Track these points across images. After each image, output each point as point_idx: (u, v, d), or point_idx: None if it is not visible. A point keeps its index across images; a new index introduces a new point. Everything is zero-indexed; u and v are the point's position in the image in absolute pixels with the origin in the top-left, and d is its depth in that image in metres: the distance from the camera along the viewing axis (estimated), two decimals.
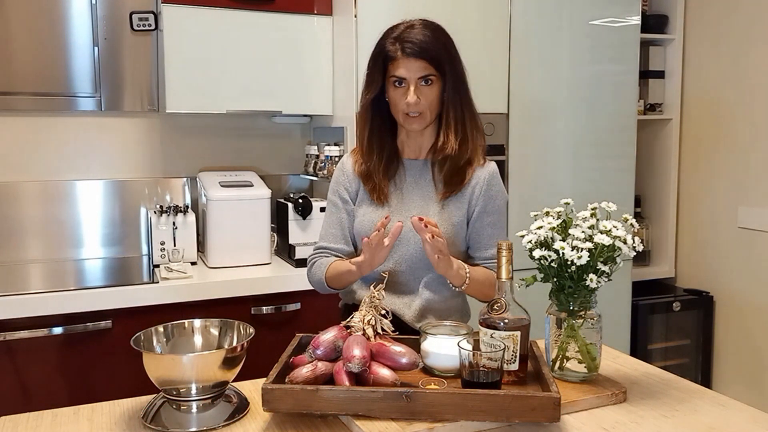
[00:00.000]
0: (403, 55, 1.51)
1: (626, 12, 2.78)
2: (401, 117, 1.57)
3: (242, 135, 2.82)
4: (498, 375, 1.22)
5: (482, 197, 1.60)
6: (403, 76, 1.52)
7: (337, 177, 1.70)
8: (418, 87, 1.52)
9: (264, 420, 1.24)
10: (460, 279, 1.52)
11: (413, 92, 1.52)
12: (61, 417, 1.27)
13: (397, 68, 1.52)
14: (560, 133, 2.70)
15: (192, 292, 2.19)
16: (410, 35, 1.52)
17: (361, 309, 1.36)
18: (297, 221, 2.54)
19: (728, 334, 3.04)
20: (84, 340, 2.08)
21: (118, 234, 2.64)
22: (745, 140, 2.88)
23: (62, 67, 2.52)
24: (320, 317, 2.21)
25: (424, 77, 1.52)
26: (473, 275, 1.53)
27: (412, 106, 1.52)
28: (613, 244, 1.31)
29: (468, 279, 1.52)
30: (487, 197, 1.60)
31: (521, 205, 2.54)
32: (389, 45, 1.53)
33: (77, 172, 2.60)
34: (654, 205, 3.31)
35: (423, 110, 1.54)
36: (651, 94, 3.19)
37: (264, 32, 2.50)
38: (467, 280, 1.52)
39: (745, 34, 2.87)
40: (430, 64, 1.52)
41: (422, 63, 1.51)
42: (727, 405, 1.31)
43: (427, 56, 1.51)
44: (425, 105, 1.54)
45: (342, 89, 2.52)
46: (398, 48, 1.52)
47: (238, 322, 1.37)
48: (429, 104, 1.54)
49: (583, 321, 1.35)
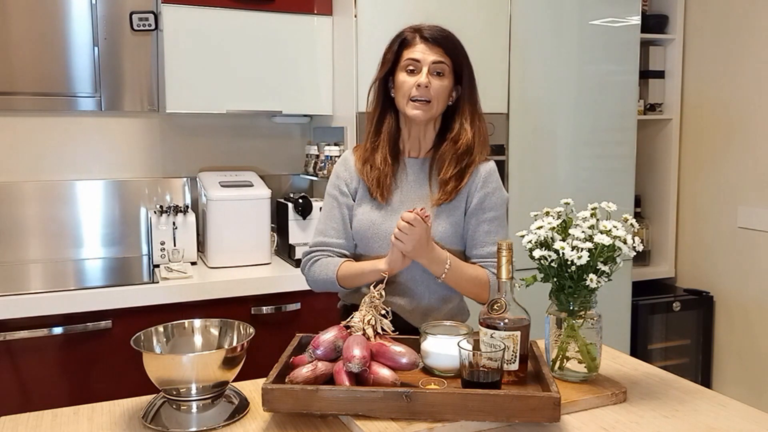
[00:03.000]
0: (422, 40, 1.55)
1: (626, 12, 2.78)
2: (406, 103, 1.56)
3: (242, 135, 2.82)
4: (498, 375, 1.22)
5: (478, 193, 1.59)
6: (417, 58, 1.54)
7: (338, 172, 1.69)
8: (430, 73, 1.54)
9: (264, 420, 1.24)
10: (438, 269, 1.51)
11: (426, 74, 1.53)
12: (61, 417, 1.27)
13: (413, 51, 1.55)
14: (560, 133, 2.70)
15: (192, 292, 2.19)
16: (430, 27, 1.57)
17: (361, 309, 1.35)
18: (297, 221, 2.54)
19: (728, 334, 3.04)
20: (84, 340, 2.08)
21: (118, 234, 2.64)
22: (745, 140, 2.88)
23: (62, 67, 2.52)
24: (320, 317, 2.22)
25: (437, 64, 1.54)
26: (455, 271, 1.52)
27: (422, 88, 1.53)
28: (613, 244, 1.31)
29: (446, 272, 1.51)
30: (482, 194, 1.59)
31: (521, 205, 2.54)
32: (408, 33, 1.58)
33: (77, 172, 2.60)
34: (654, 205, 3.31)
35: (431, 98, 1.54)
36: (651, 94, 3.19)
37: (264, 32, 2.50)
38: (446, 271, 1.51)
39: (745, 34, 2.87)
40: (445, 53, 1.55)
41: (439, 50, 1.55)
42: (727, 405, 1.31)
43: (444, 46, 1.55)
44: (434, 93, 1.54)
45: (342, 89, 2.52)
46: (416, 35, 1.56)
47: (238, 322, 1.37)
48: (437, 94, 1.55)
49: (583, 321, 1.35)
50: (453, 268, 1.52)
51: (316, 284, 1.65)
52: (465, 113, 1.60)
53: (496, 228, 1.60)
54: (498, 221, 1.61)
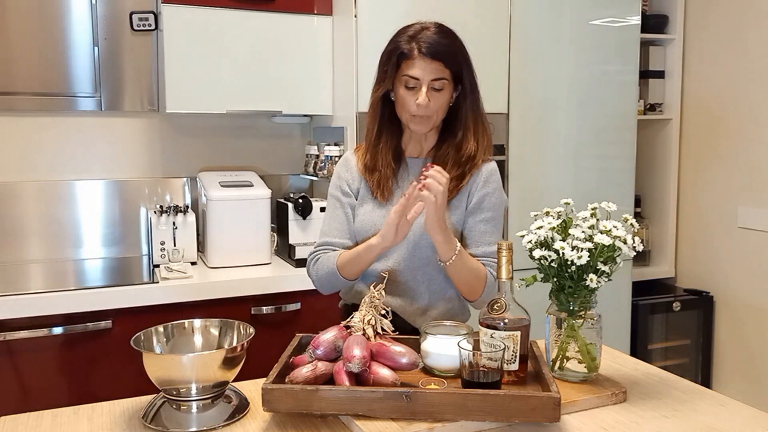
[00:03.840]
0: (420, 54, 1.49)
1: (626, 12, 2.78)
2: (407, 117, 1.55)
3: (242, 135, 2.82)
4: (498, 375, 1.22)
5: (478, 192, 1.59)
6: (417, 76, 1.50)
7: (340, 173, 1.69)
8: (430, 90, 1.50)
9: (264, 420, 1.24)
10: (445, 252, 1.49)
11: (425, 93, 1.50)
12: (61, 417, 1.27)
13: (412, 67, 1.50)
14: (560, 133, 2.70)
15: (192, 292, 2.19)
16: (427, 36, 1.50)
17: (361, 309, 1.35)
18: (297, 221, 2.54)
19: (728, 334, 3.04)
20: (84, 340, 2.08)
21: (118, 234, 2.64)
22: (745, 140, 2.88)
23: (62, 67, 2.52)
24: (320, 317, 2.21)
25: (437, 80, 1.50)
26: (462, 257, 1.50)
27: (422, 107, 1.51)
28: (613, 244, 1.31)
29: (456, 254, 1.49)
30: (482, 193, 1.59)
31: (521, 205, 2.54)
32: (405, 43, 1.51)
33: (77, 172, 2.60)
34: (654, 205, 3.32)
35: (431, 114, 1.53)
36: (651, 94, 3.19)
37: (264, 32, 2.50)
38: (454, 256, 1.49)
39: (745, 33, 2.87)
40: (445, 67, 1.50)
41: (438, 65, 1.50)
42: (727, 405, 1.31)
43: (443, 59, 1.50)
44: (434, 109, 1.53)
45: (342, 89, 2.52)
46: (414, 47, 1.50)
47: (238, 322, 1.37)
48: (437, 109, 1.54)
49: (583, 321, 1.35)
50: (461, 254, 1.51)
51: (321, 281, 1.63)
52: (468, 121, 1.59)
53: (492, 229, 1.60)
54: (494, 222, 1.60)
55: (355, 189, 1.66)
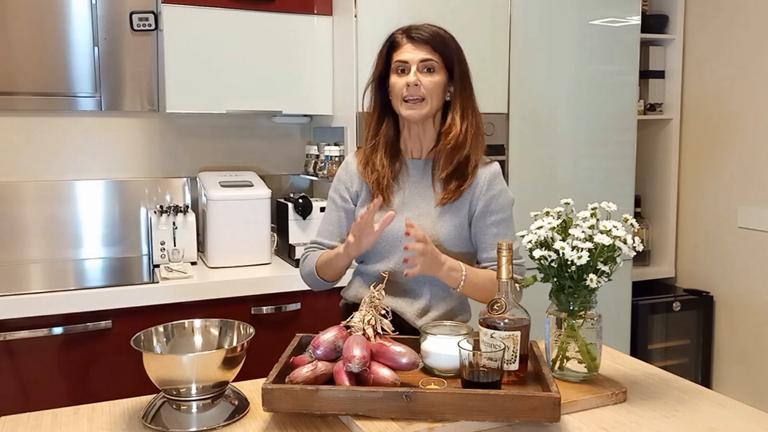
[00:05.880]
0: (408, 39, 1.56)
1: (626, 12, 2.78)
2: (400, 104, 1.57)
3: (242, 135, 2.82)
4: (498, 375, 1.22)
5: (483, 197, 1.59)
6: (405, 59, 1.55)
7: (340, 175, 1.70)
8: (420, 71, 1.54)
9: (264, 420, 1.24)
10: (453, 281, 1.51)
11: (413, 73, 1.54)
12: (61, 417, 1.28)
13: (401, 53, 1.56)
14: (560, 132, 2.70)
15: (192, 292, 2.19)
16: (418, 27, 1.57)
17: (361, 309, 1.36)
18: (297, 221, 2.54)
19: (728, 334, 3.04)
20: (84, 340, 2.08)
21: (118, 234, 2.64)
22: (745, 140, 2.88)
23: (62, 67, 2.52)
24: (320, 317, 2.22)
25: (425, 61, 1.54)
26: (470, 278, 1.52)
27: (411, 87, 1.53)
28: (613, 244, 1.31)
29: (463, 281, 1.51)
30: (488, 197, 1.59)
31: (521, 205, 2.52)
32: (397, 35, 1.59)
33: (77, 172, 2.60)
34: (654, 205, 3.32)
35: (424, 96, 1.54)
36: (651, 94, 3.19)
37: (264, 32, 2.50)
38: (462, 282, 1.51)
39: (745, 33, 2.87)
40: (433, 50, 1.55)
41: (426, 48, 1.55)
42: (727, 405, 1.31)
43: (431, 42, 1.55)
44: (425, 91, 1.54)
45: (342, 89, 2.52)
46: (404, 36, 1.57)
47: (238, 322, 1.37)
48: (429, 91, 1.55)
49: (583, 321, 1.35)
50: (468, 275, 1.51)
51: (305, 279, 1.68)
52: (456, 107, 1.60)
53: (504, 230, 1.60)
54: (505, 223, 1.61)
55: (355, 192, 1.66)
